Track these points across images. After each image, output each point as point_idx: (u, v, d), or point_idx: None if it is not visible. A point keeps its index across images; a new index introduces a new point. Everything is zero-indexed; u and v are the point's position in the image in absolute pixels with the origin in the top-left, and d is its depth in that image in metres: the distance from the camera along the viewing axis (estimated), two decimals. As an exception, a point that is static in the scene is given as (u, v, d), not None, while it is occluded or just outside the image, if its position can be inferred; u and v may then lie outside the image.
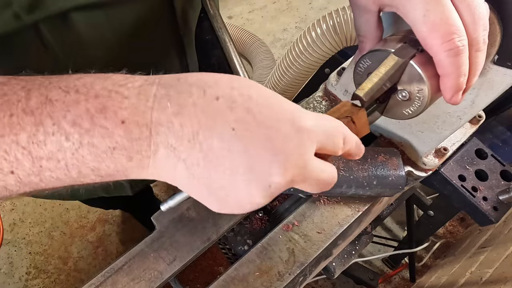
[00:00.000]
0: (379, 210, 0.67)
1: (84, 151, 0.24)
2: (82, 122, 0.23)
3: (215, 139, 0.24)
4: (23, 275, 1.50)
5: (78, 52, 0.40)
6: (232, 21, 2.22)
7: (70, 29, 0.38)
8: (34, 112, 0.23)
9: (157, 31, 0.44)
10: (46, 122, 0.23)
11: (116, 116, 0.23)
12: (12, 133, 0.23)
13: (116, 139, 0.24)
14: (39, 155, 0.23)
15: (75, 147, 0.23)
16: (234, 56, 0.37)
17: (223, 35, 0.39)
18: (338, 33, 0.56)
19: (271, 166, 0.25)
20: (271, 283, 0.50)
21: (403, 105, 0.39)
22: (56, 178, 0.25)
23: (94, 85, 0.24)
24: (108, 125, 0.23)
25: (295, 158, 0.25)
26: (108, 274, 0.49)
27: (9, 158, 0.23)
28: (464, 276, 1.13)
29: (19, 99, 0.23)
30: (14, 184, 0.25)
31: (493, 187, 0.65)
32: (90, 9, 0.37)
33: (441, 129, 0.50)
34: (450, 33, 0.31)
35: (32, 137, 0.23)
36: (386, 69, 0.35)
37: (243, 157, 0.24)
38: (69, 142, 0.23)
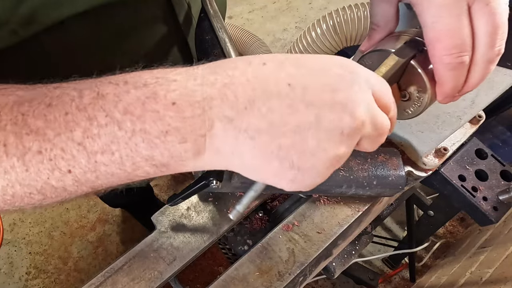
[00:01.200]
0: (379, 210, 0.67)
1: (137, 138, 0.23)
2: (133, 110, 0.23)
3: (273, 99, 0.23)
4: (23, 275, 1.50)
5: (81, 56, 0.40)
6: (232, 21, 2.22)
7: (69, 35, 0.38)
8: (87, 107, 0.23)
9: (157, 30, 0.44)
10: (99, 115, 0.23)
11: (166, 98, 0.23)
12: (67, 131, 0.23)
13: (168, 121, 0.23)
14: (93, 150, 0.24)
15: (128, 136, 0.23)
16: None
17: (223, 35, 0.39)
18: (338, 33, 0.56)
19: (335, 108, 0.24)
20: (271, 283, 0.50)
21: (403, 105, 0.39)
22: (111, 174, 0.25)
23: (142, 75, 0.24)
24: (159, 108, 0.23)
25: (356, 95, 0.25)
26: (108, 274, 0.49)
27: (66, 156, 0.23)
28: (464, 276, 1.12)
29: (73, 98, 0.24)
30: (72, 184, 0.25)
31: (493, 187, 0.65)
32: (87, 15, 0.37)
33: (441, 129, 0.50)
34: (452, 47, 0.31)
35: (87, 131, 0.23)
36: (387, 69, 0.35)
37: (306, 109, 0.23)
38: (122, 131, 0.23)
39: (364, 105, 0.25)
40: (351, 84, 0.25)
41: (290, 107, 0.23)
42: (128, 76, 0.24)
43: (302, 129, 0.24)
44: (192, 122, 0.23)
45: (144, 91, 0.23)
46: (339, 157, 0.25)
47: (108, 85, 0.24)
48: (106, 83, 0.24)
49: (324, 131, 0.24)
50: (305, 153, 0.24)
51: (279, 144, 0.24)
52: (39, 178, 0.24)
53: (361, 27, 0.55)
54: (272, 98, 0.23)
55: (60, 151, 0.23)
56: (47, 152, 0.23)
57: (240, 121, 0.23)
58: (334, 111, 0.24)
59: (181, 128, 0.23)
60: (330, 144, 0.24)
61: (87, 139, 0.23)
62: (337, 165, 0.26)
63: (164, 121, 0.23)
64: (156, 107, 0.23)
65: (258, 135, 0.23)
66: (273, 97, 0.23)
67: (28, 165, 0.23)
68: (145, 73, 0.25)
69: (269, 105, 0.23)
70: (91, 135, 0.23)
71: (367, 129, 0.26)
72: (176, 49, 0.49)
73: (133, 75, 0.25)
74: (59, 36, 0.38)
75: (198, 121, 0.23)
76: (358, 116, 0.24)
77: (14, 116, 0.23)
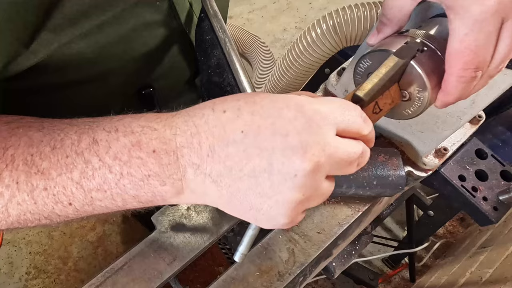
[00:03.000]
0: (379, 210, 0.67)
1: (125, 180, 0.28)
2: (121, 156, 0.27)
3: (229, 146, 0.25)
4: (23, 275, 1.50)
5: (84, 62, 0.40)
6: (232, 21, 2.22)
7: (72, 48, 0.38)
8: (84, 152, 0.28)
9: (160, 33, 0.44)
10: (93, 159, 0.27)
11: (148, 146, 0.27)
12: (68, 171, 0.27)
13: (150, 167, 0.27)
14: (89, 188, 0.28)
15: (117, 178, 0.27)
16: (234, 57, 0.37)
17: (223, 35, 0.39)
18: (338, 33, 0.56)
19: (286, 152, 0.25)
20: (271, 283, 0.50)
21: (403, 105, 0.39)
22: (105, 207, 0.29)
23: (131, 124, 0.28)
24: (143, 155, 0.27)
25: (309, 137, 0.25)
26: (108, 274, 0.49)
27: (66, 193, 0.28)
28: (464, 276, 1.12)
29: (73, 142, 0.28)
30: (72, 213, 0.30)
31: (493, 187, 0.65)
32: (89, 35, 0.37)
33: (441, 129, 0.50)
34: (473, 64, 0.32)
35: (83, 173, 0.27)
36: (387, 70, 0.35)
37: (259, 154, 0.25)
38: (112, 174, 0.27)
39: (318, 146, 0.25)
40: (305, 126, 0.25)
41: (245, 153, 0.25)
42: (120, 123, 0.28)
43: (257, 173, 0.25)
44: (169, 168, 0.27)
45: (130, 138, 0.27)
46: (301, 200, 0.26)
47: (102, 131, 0.28)
48: (101, 129, 0.28)
49: (277, 175, 0.25)
50: (261, 196, 0.26)
51: (238, 187, 0.26)
52: (45, 209, 0.29)
53: (361, 27, 0.55)
54: (228, 145, 0.26)
55: (62, 188, 0.28)
56: (51, 189, 0.28)
57: (205, 167, 0.26)
58: (285, 155, 0.25)
59: (161, 173, 0.27)
60: (285, 187, 0.25)
61: (84, 179, 0.28)
62: (306, 205, 0.27)
63: (146, 166, 0.27)
64: (140, 154, 0.27)
65: (220, 179, 0.26)
66: (230, 144, 0.26)
67: (36, 199, 0.28)
68: (134, 120, 0.29)
69: (226, 152, 0.26)
70: (87, 176, 0.28)
71: (327, 167, 0.26)
72: (179, 50, 0.49)
73: (124, 122, 0.29)
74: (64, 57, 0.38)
75: (174, 167, 0.27)
76: (310, 159, 0.25)
77: (25, 157, 0.28)
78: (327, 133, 0.26)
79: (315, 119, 0.26)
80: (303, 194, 0.26)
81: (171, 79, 0.51)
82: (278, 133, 0.25)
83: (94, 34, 0.37)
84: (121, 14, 0.38)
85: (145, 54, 0.44)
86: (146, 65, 0.46)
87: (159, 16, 0.42)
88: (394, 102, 0.38)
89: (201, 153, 0.26)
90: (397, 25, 0.39)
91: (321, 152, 0.26)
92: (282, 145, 0.25)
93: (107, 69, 0.42)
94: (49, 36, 0.34)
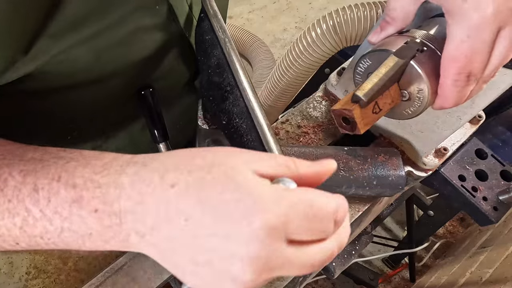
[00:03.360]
0: (379, 210, 0.67)
1: (66, 234, 0.27)
2: (61, 211, 0.26)
3: (173, 229, 0.24)
4: (23, 275, 1.50)
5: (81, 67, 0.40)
6: (232, 21, 2.22)
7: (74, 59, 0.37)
8: (25, 199, 0.27)
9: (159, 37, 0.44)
10: (34, 209, 0.27)
11: (89, 205, 0.26)
12: (10, 217, 0.27)
13: (91, 226, 0.26)
14: (33, 234, 0.27)
15: (58, 231, 0.27)
16: (234, 57, 0.37)
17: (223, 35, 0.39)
18: (338, 33, 0.56)
19: (224, 256, 0.23)
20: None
21: (403, 105, 0.39)
22: (53, 249, 0.29)
23: (75, 172, 0.27)
24: (83, 214, 0.26)
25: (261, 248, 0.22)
26: (108, 274, 0.49)
27: (12, 235, 0.28)
28: (464, 276, 1.12)
29: (16, 185, 0.27)
30: (21, 249, 0.29)
31: (493, 187, 0.65)
32: (89, 40, 0.36)
33: (441, 129, 0.50)
34: (467, 70, 0.32)
35: (25, 221, 0.27)
36: (386, 70, 0.35)
37: (200, 245, 0.24)
38: (53, 226, 0.27)
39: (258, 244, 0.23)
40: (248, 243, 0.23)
41: (185, 239, 0.24)
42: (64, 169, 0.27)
43: (195, 263, 0.24)
44: (111, 230, 0.26)
45: (71, 193, 0.26)
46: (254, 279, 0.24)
47: (45, 177, 0.27)
48: (45, 173, 0.27)
49: (217, 272, 0.24)
50: (196, 280, 0.25)
51: (183, 269, 0.25)
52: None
53: (361, 27, 0.55)
54: (171, 227, 0.24)
55: (6, 230, 0.27)
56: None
57: (149, 238, 0.25)
58: (224, 259, 0.23)
59: (103, 234, 0.26)
60: (225, 282, 0.24)
61: (27, 226, 0.27)
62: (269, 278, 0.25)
63: (87, 225, 0.26)
64: (81, 212, 0.26)
65: (164, 253, 0.25)
66: (173, 226, 0.24)
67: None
68: (78, 168, 0.27)
69: (168, 233, 0.24)
70: (29, 224, 0.27)
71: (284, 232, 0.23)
72: (179, 53, 0.49)
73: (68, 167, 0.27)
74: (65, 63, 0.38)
75: (117, 230, 0.26)
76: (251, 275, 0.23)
77: None
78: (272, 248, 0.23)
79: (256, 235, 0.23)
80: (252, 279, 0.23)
81: (170, 80, 0.51)
82: (219, 228, 0.23)
83: (93, 39, 0.37)
84: (121, 18, 0.37)
85: (144, 57, 0.44)
86: (145, 68, 0.46)
87: (158, 20, 0.42)
88: (394, 102, 0.38)
89: (146, 225, 0.25)
90: (401, 25, 0.39)
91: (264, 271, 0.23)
92: (219, 246, 0.23)
93: (106, 72, 0.41)
94: (48, 42, 0.33)
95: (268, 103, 0.76)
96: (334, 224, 0.26)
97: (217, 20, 0.41)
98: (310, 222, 0.24)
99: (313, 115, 0.63)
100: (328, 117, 0.62)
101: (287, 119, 0.62)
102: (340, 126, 0.39)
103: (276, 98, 0.73)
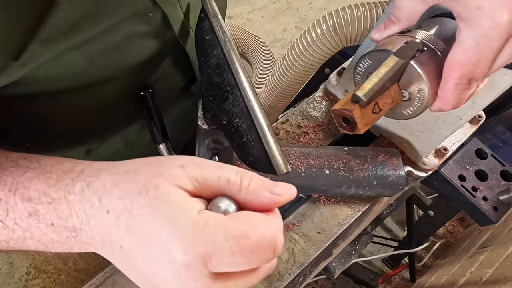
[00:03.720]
0: (379, 210, 0.67)
1: (29, 242, 0.28)
2: (20, 223, 0.27)
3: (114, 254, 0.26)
4: (23, 275, 1.50)
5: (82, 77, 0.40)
6: (232, 21, 2.22)
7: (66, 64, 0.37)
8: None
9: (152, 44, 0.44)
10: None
11: (45, 219, 0.27)
12: None
13: (51, 236, 0.27)
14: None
15: (21, 239, 0.28)
16: (234, 57, 0.37)
17: (223, 35, 0.39)
18: (338, 33, 0.56)
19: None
20: (271, 283, 0.50)
21: (403, 105, 0.39)
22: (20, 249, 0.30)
23: (30, 184, 0.28)
24: (42, 227, 0.27)
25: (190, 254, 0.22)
26: (108, 274, 0.49)
27: None
28: (464, 276, 1.12)
29: None
30: None
31: (493, 187, 0.65)
32: (81, 46, 0.36)
33: (441, 129, 0.50)
34: (471, 75, 0.32)
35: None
36: (386, 70, 0.35)
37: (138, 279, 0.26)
38: (15, 235, 0.28)
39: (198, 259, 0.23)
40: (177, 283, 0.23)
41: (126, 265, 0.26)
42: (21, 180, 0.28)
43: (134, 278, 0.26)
44: (71, 241, 0.27)
45: (27, 207, 0.27)
46: None
47: (3, 188, 0.28)
48: (3, 185, 0.28)
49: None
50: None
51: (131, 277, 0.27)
52: None
53: (361, 27, 0.55)
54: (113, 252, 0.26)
55: None
56: None
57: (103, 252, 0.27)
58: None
59: (64, 243, 0.28)
60: None
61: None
62: None
63: (48, 236, 0.27)
64: (39, 225, 0.27)
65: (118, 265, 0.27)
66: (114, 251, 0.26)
67: None
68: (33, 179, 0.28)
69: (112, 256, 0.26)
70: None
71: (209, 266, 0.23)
72: (173, 60, 0.49)
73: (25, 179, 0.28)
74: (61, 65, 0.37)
75: (75, 241, 0.27)
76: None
77: None
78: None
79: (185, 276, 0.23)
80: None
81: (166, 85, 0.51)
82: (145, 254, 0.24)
83: (87, 44, 0.36)
84: (114, 25, 0.37)
85: (138, 63, 0.43)
86: (140, 74, 0.45)
87: (152, 27, 0.42)
88: (394, 102, 0.38)
89: (96, 244, 0.26)
90: (405, 24, 0.39)
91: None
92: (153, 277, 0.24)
93: (100, 77, 0.41)
94: (39, 48, 0.33)
95: (268, 103, 0.76)
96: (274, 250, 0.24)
97: (217, 20, 0.41)
98: (239, 259, 0.22)
99: (313, 115, 0.63)
100: (328, 117, 0.62)
101: (287, 119, 0.62)
102: (340, 126, 0.39)
103: (276, 98, 0.73)
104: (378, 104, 0.36)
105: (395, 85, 0.37)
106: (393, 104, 0.38)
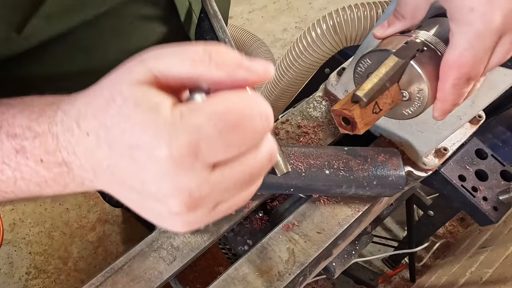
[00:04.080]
0: (379, 210, 0.67)
1: (20, 183, 0.27)
2: (9, 162, 0.26)
3: (105, 176, 0.24)
4: (23, 275, 1.50)
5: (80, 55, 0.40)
6: (232, 21, 2.22)
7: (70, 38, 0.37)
8: None
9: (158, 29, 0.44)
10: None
11: (33, 155, 0.26)
12: None
13: (43, 174, 0.26)
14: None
15: (12, 181, 0.27)
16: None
17: (223, 35, 0.39)
18: (338, 33, 0.56)
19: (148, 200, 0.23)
20: (271, 283, 0.50)
21: (403, 105, 0.39)
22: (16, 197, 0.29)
23: (14, 120, 0.27)
24: (31, 164, 0.26)
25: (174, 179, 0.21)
26: (108, 274, 0.49)
27: None
28: (464, 276, 1.12)
29: None
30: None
31: (493, 187, 0.65)
32: (86, 26, 0.36)
33: (441, 129, 0.50)
34: (467, 75, 0.33)
35: None
36: (387, 70, 0.35)
37: (127, 191, 0.24)
38: (5, 176, 0.27)
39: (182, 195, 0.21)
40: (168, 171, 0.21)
41: (116, 184, 0.24)
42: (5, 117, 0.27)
43: (130, 201, 0.25)
44: (64, 177, 0.26)
45: (13, 144, 0.26)
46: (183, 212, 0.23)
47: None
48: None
49: (150, 210, 0.24)
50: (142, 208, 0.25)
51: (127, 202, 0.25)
52: None
53: (361, 27, 0.55)
54: (103, 175, 0.24)
55: None
56: None
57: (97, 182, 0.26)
58: (149, 201, 0.23)
59: (57, 181, 0.26)
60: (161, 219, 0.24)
61: None
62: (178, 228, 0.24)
63: (39, 174, 0.26)
64: (28, 163, 0.26)
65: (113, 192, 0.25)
66: (104, 174, 0.24)
67: None
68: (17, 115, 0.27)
69: (104, 179, 0.25)
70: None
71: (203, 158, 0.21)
72: None
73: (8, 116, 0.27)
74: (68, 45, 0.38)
75: (69, 176, 0.26)
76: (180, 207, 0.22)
77: None
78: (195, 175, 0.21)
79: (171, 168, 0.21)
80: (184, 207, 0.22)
81: None
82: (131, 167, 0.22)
83: (90, 25, 0.36)
84: (119, 6, 0.37)
85: (142, 48, 0.44)
86: None
87: (158, 11, 0.42)
88: (394, 102, 0.38)
89: (88, 172, 0.25)
90: (410, 22, 0.39)
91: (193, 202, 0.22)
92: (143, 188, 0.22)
93: (103, 61, 0.41)
94: (41, 23, 0.33)
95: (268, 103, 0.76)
96: (266, 127, 0.22)
97: (217, 20, 0.41)
98: (230, 137, 0.21)
99: (313, 115, 0.63)
100: (328, 117, 0.62)
101: (287, 119, 0.62)
102: (340, 126, 0.39)
103: (276, 98, 0.73)
104: (378, 104, 0.36)
105: (395, 85, 0.37)
106: (393, 104, 0.38)
